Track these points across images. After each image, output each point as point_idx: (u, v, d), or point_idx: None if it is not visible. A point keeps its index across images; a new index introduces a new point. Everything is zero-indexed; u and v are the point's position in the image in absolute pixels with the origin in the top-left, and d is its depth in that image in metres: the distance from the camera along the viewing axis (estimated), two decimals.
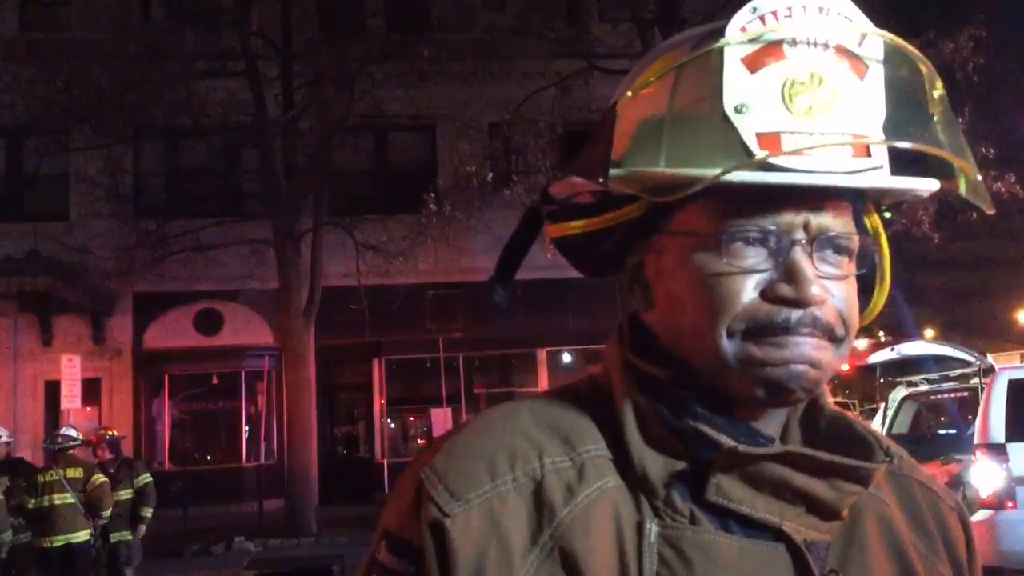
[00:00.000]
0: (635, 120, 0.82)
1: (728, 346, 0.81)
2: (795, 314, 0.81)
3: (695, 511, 0.82)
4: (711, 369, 0.84)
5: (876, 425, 9.67)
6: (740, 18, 0.81)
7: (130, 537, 9.44)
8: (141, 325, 18.27)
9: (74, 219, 18.35)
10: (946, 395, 9.61)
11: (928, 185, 0.85)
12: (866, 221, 0.89)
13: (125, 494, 9.36)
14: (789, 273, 0.81)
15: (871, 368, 10.08)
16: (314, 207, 16.18)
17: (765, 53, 0.80)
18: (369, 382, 19.52)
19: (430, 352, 18.02)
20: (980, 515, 7.48)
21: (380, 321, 17.77)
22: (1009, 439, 7.50)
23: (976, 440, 7.73)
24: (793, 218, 0.81)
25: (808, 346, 0.81)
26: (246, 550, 13.83)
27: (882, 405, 9.88)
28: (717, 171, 0.77)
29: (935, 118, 0.83)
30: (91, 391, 16.72)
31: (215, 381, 18.65)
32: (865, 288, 0.90)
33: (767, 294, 0.81)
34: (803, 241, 0.82)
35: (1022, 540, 7.32)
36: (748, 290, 0.81)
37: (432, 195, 15.61)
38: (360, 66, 15.90)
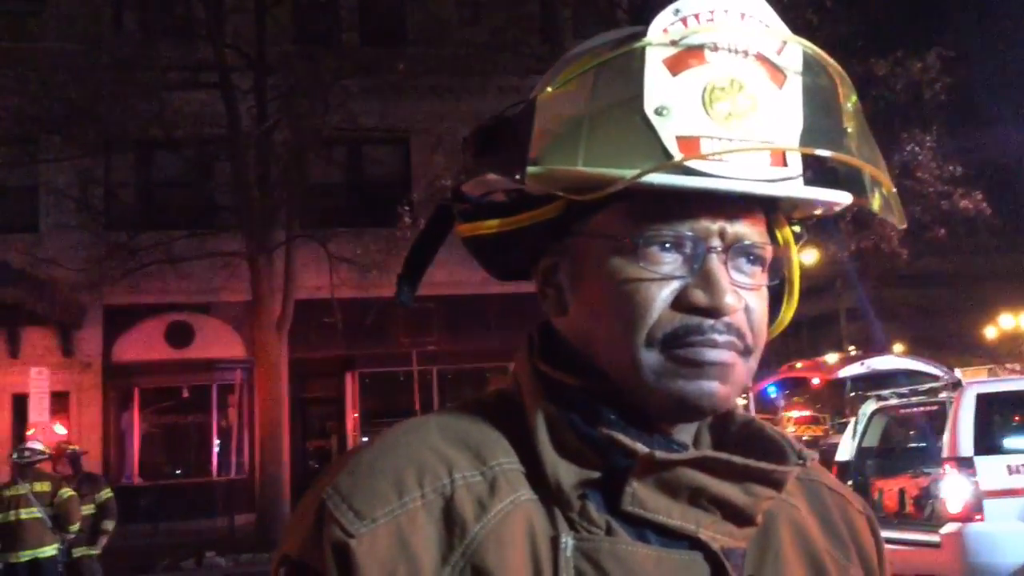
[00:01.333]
0: (554, 118, 0.81)
1: (646, 356, 0.81)
2: (708, 322, 0.80)
3: (611, 522, 0.80)
4: (625, 380, 0.82)
5: (846, 438, 9.75)
6: (662, 19, 0.81)
7: (93, 552, 9.33)
8: (111, 338, 18.08)
9: (44, 231, 18.15)
10: (915, 409, 9.71)
11: (841, 197, 0.86)
12: (777, 233, 0.89)
13: (87, 509, 9.25)
14: (704, 280, 0.80)
15: (841, 382, 10.18)
16: (287, 219, 16.12)
17: (687, 56, 0.79)
18: (342, 395, 19.42)
19: (404, 365, 17.94)
20: (948, 528, 7.56)
21: (353, 334, 17.69)
22: (977, 452, 7.59)
23: (944, 453, 7.81)
24: (709, 225, 0.81)
25: (722, 355, 0.81)
26: (217, 565, 13.71)
27: (852, 419, 9.96)
28: (636, 172, 0.76)
29: (849, 129, 0.83)
30: (60, 404, 16.50)
31: (186, 394, 18.48)
32: (774, 301, 0.89)
33: (681, 301, 0.81)
34: (719, 248, 0.81)
35: (989, 552, 7.40)
36: (663, 297, 0.81)
37: (407, 208, 15.59)
38: (334, 79, 15.90)
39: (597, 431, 0.82)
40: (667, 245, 0.81)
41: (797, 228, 0.92)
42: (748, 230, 0.83)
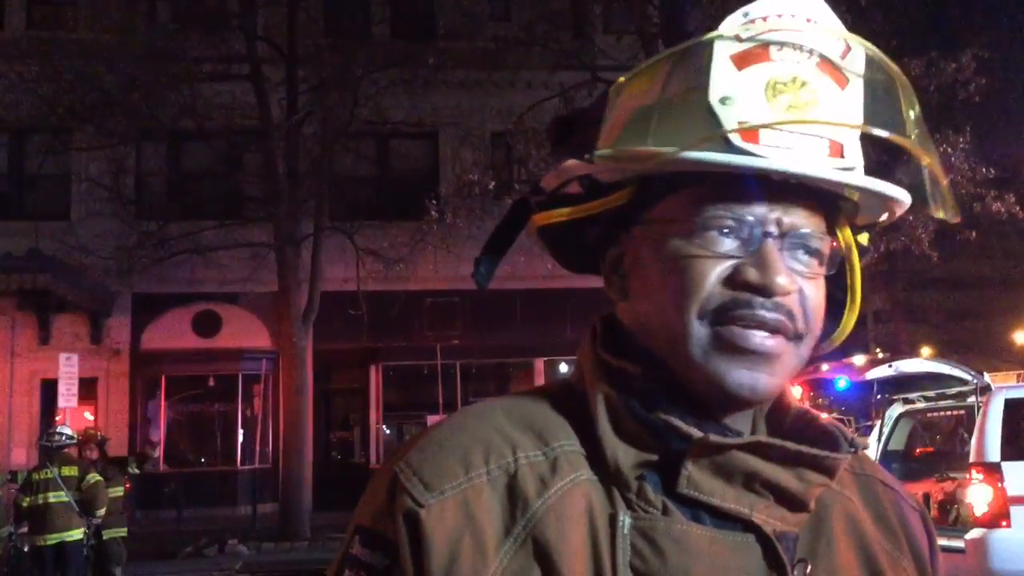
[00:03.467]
0: (627, 107, 0.86)
1: (696, 329, 0.84)
2: (758, 299, 0.83)
3: (667, 503, 0.83)
4: (676, 357, 0.85)
5: (872, 442, 9.67)
6: (732, 20, 0.85)
7: (122, 534, 9.44)
8: (139, 326, 18.28)
9: (75, 218, 18.37)
10: (942, 413, 9.61)
11: (899, 194, 0.87)
12: (839, 235, 0.91)
13: (115, 492, 9.37)
14: (758, 260, 0.83)
15: (868, 384, 10.09)
16: (315, 212, 16.21)
17: (752, 53, 0.83)
18: (366, 388, 19.51)
19: (427, 359, 18.03)
20: (974, 533, 7.49)
21: (378, 327, 17.78)
22: (1004, 458, 7.51)
23: (971, 458, 7.73)
24: (767, 212, 0.84)
25: (766, 343, 0.83)
26: (239, 553, 13.82)
27: (878, 422, 9.88)
28: (682, 146, 0.81)
29: (911, 135, 0.85)
30: (88, 390, 16.71)
31: (212, 383, 18.64)
32: (838, 309, 0.92)
33: (735, 278, 0.84)
34: (775, 234, 0.84)
35: (1016, 559, 7.32)
36: (717, 272, 0.84)
37: (433, 202, 15.63)
38: (364, 72, 15.96)
39: (655, 416, 0.85)
40: (725, 229, 0.84)
41: (865, 240, 0.94)
42: (805, 221, 0.86)
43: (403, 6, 19.38)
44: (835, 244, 0.89)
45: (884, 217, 0.93)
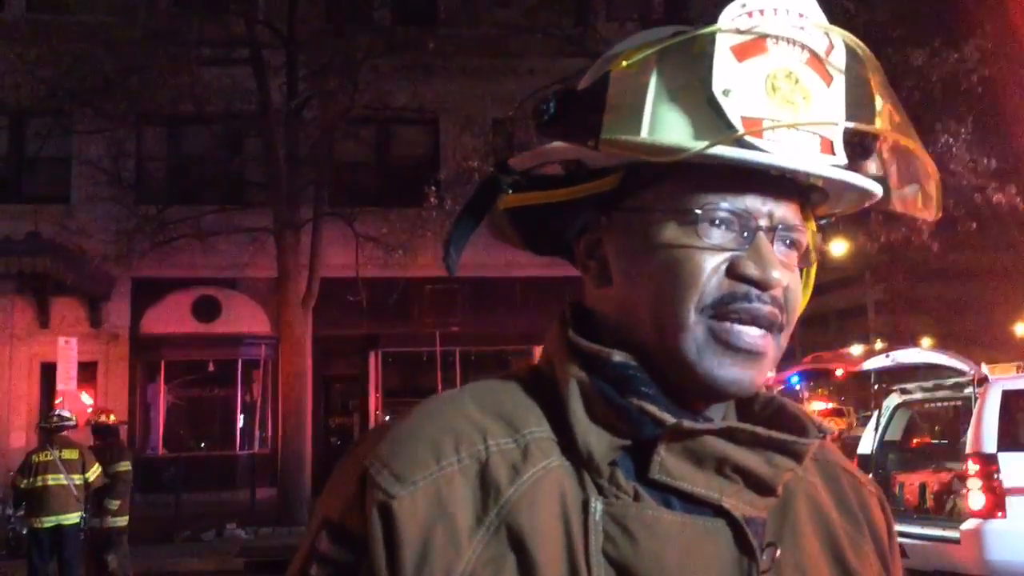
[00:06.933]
0: (625, 91, 0.85)
1: (694, 324, 0.84)
2: (755, 291, 0.85)
3: (639, 489, 0.84)
4: (666, 351, 0.86)
5: (868, 431, 9.69)
6: (730, 11, 0.86)
7: (109, 523, 9.25)
8: (139, 310, 18.27)
9: (75, 202, 18.34)
10: (939, 404, 9.63)
11: (877, 188, 0.91)
12: (807, 224, 0.93)
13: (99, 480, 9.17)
14: (755, 254, 0.85)
15: (866, 375, 10.11)
16: (315, 197, 16.19)
17: (751, 45, 0.85)
18: (365, 374, 19.53)
19: (427, 346, 18.02)
20: (970, 524, 7.51)
21: (378, 313, 17.78)
22: (1000, 449, 7.53)
23: (968, 449, 7.76)
24: (760, 205, 0.86)
25: (758, 343, 0.85)
26: (237, 537, 13.87)
27: (876, 412, 9.90)
28: (706, 143, 0.81)
29: (882, 113, 0.88)
30: (87, 374, 16.71)
31: (211, 368, 18.66)
32: None
33: (733, 271, 0.85)
34: (766, 227, 0.86)
35: (1010, 550, 7.35)
36: (715, 264, 0.85)
37: (434, 189, 15.60)
38: (365, 58, 15.90)
39: (627, 401, 0.86)
40: (718, 220, 0.85)
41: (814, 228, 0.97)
42: (790, 215, 0.88)
43: None
44: (810, 238, 0.91)
45: (842, 209, 0.97)
